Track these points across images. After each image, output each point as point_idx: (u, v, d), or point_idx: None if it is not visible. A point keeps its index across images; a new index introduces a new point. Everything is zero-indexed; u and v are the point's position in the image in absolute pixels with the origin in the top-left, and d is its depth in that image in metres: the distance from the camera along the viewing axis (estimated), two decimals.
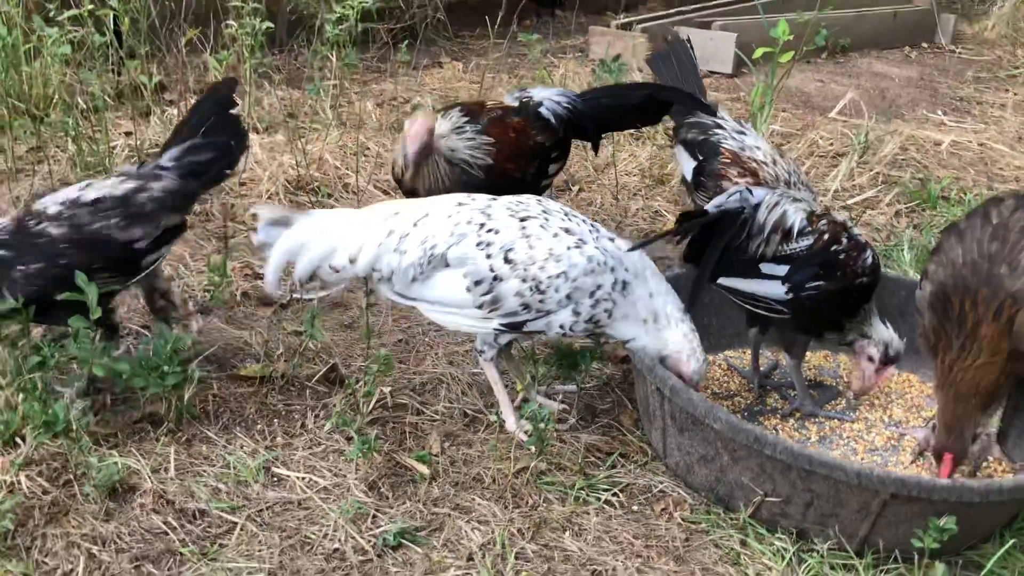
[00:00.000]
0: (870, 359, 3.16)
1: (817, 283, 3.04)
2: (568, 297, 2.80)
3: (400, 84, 6.16)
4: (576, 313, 2.83)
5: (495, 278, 2.79)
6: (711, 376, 3.45)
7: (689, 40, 4.21)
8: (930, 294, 2.92)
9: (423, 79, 6.46)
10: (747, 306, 3.14)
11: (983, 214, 2.96)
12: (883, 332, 3.14)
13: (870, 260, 3.12)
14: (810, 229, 3.06)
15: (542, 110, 3.70)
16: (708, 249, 2.96)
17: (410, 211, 2.89)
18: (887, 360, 3.14)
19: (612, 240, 2.92)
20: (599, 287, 2.82)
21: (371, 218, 2.91)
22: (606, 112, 3.79)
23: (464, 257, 2.80)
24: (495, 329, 2.87)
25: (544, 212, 2.88)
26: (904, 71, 7.85)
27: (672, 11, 7.91)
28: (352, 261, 2.85)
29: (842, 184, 5.13)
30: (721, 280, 3.09)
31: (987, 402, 2.81)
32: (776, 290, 3.04)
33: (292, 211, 2.93)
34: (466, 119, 3.61)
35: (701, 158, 3.78)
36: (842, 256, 3.07)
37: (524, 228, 2.82)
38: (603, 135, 3.95)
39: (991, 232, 2.82)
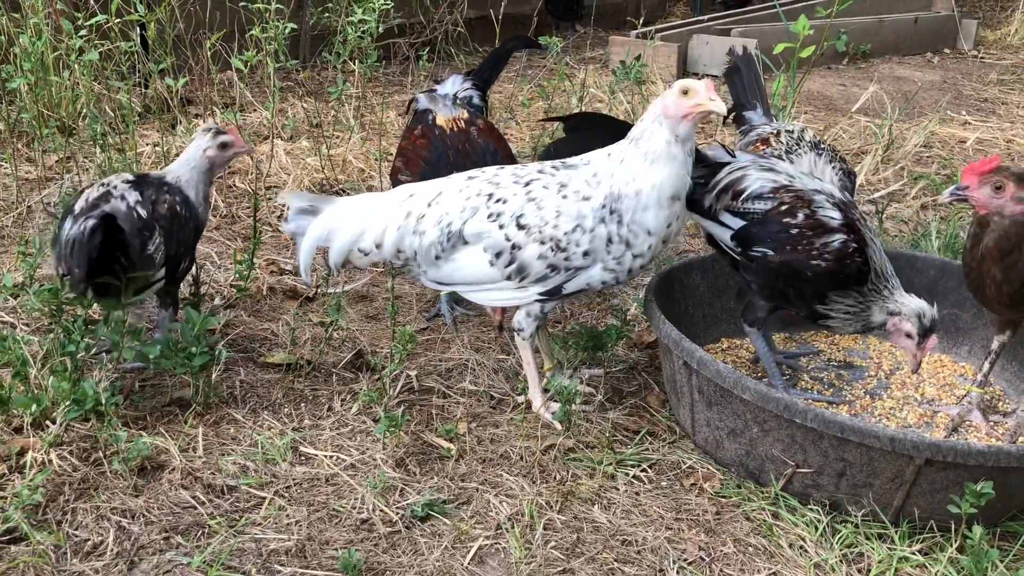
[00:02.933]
0: (908, 336, 2.96)
1: (763, 250, 2.95)
2: (592, 251, 2.78)
3: None
4: (610, 270, 2.81)
5: (513, 247, 2.78)
6: (740, 359, 3.42)
7: (758, 53, 4.45)
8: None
9: None
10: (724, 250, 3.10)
11: None
12: (913, 303, 2.95)
13: (836, 245, 2.91)
14: (770, 195, 2.97)
15: (474, 100, 4.07)
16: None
17: (425, 192, 2.91)
18: (925, 331, 2.94)
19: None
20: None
21: (390, 201, 2.92)
22: (491, 77, 4.42)
23: (479, 232, 2.80)
24: (536, 300, 2.87)
25: (541, 171, 2.86)
26: (927, 75, 7.83)
27: (691, 20, 7.94)
28: (378, 245, 2.86)
29: (867, 178, 5.11)
30: (694, 214, 3.09)
31: None
32: (727, 239, 3.02)
33: (319, 198, 2.95)
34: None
35: None
36: (794, 231, 2.93)
37: (529, 192, 2.81)
38: None
39: None
